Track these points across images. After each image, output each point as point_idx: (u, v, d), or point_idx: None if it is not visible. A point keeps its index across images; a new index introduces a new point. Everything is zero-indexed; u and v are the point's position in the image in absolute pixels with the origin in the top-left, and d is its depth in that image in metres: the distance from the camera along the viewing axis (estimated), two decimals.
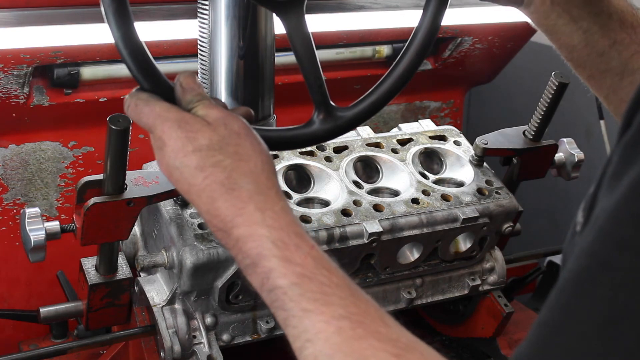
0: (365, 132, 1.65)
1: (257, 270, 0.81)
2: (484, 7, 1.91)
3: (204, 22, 1.24)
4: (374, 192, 1.54)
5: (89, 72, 1.70)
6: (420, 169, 1.59)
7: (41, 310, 1.43)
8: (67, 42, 1.56)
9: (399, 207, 1.49)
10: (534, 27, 1.23)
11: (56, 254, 1.49)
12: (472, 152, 1.63)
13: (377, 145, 1.62)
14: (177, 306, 1.40)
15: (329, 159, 1.55)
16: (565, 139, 1.73)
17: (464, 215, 1.51)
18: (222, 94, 1.25)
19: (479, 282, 1.66)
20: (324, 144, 1.57)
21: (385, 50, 2.03)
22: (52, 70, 1.65)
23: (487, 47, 2.12)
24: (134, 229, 1.46)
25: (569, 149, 1.72)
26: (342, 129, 1.13)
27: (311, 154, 1.56)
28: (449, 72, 2.18)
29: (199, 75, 1.29)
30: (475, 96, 2.87)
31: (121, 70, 1.66)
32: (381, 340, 0.72)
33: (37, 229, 1.30)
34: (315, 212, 1.44)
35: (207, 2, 1.22)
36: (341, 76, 2.00)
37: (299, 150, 1.55)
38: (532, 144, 1.64)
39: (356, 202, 1.47)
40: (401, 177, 1.57)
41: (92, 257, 1.40)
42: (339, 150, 1.58)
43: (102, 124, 1.21)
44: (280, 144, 1.12)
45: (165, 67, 1.72)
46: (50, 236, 1.31)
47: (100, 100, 1.74)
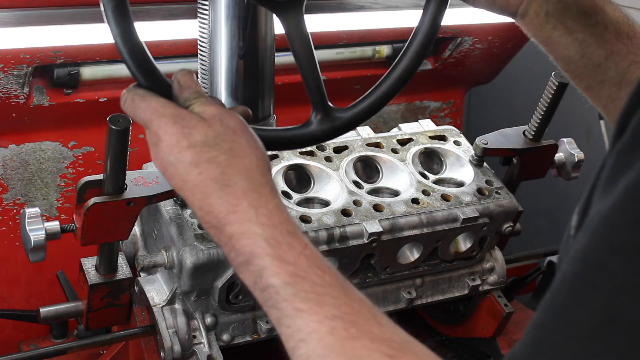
0: (365, 132, 1.65)
1: (250, 268, 0.80)
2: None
3: (204, 22, 1.23)
4: (374, 192, 1.54)
5: (89, 72, 1.70)
6: (420, 169, 1.59)
7: (41, 310, 1.44)
8: (67, 42, 1.56)
9: (399, 207, 1.49)
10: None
11: (56, 254, 1.49)
12: (472, 152, 1.63)
13: (377, 145, 1.62)
14: (177, 306, 1.40)
15: (329, 159, 1.55)
16: (565, 139, 1.73)
17: (464, 215, 1.51)
18: (222, 94, 1.25)
19: (479, 282, 1.66)
20: (324, 144, 1.57)
21: (385, 50, 2.03)
22: (52, 70, 1.65)
23: (487, 47, 2.12)
24: (134, 229, 1.46)
25: (569, 149, 1.72)
26: (340, 130, 1.13)
27: (311, 154, 1.56)
28: (449, 72, 2.18)
29: (199, 75, 1.29)
30: (475, 96, 2.87)
31: (121, 70, 1.66)
32: (375, 340, 0.72)
33: (37, 229, 1.30)
34: (315, 212, 1.44)
35: (207, 2, 1.22)
36: (341, 76, 2.00)
37: (299, 150, 1.55)
38: (532, 144, 1.64)
39: (356, 202, 1.47)
40: (401, 177, 1.57)
41: (92, 257, 1.40)
42: (339, 150, 1.58)
43: (102, 124, 1.21)
44: (277, 144, 1.12)
45: (165, 67, 1.72)
46: (50, 236, 1.31)
47: (100, 100, 1.74)
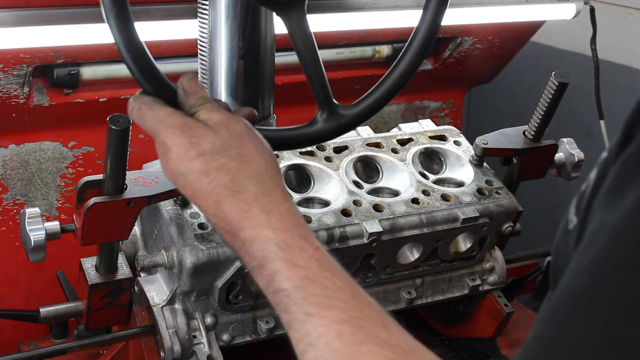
0: (365, 132, 1.65)
1: (263, 272, 0.81)
2: (484, 7, 1.91)
3: (204, 22, 1.23)
4: (374, 192, 1.54)
5: (89, 72, 1.70)
6: (420, 169, 1.59)
7: (41, 310, 1.43)
8: (67, 42, 1.56)
9: (399, 207, 1.49)
10: (533, 27, 1.22)
11: (56, 254, 1.49)
12: (472, 152, 1.63)
13: (377, 145, 1.62)
14: (177, 306, 1.40)
15: (329, 159, 1.55)
16: (565, 139, 1.74)
17: (464, 215, 1.51)
18: (222, 94, 1.25)
19: (479, 282, 1.66)
20: (324, 144, 1.57)
21: (385, 50, 2.03)
22: (52, 70, 1.65)
23: (487, 47, 2.12)
24: (134, 229, 1.46)
25: (569, 149, 1.72)
26: (346, 128, 1.13)
27: (311, 154, 1.56)
28: (449, 72, 2.18)
29: (199, 75, 1.29)
30: (475, 96, 2.87)
31: (121, 70, 1.66)
32: (381, 345, 0.72)
33: (37, 229, 1.30)
34: (315, 212, 1.44)
35: (207, 2, 1.22)
36: (341, 76, 2.00)
37: (299, 150, 1.55)
38: (532, 144, 1.64)
39: (356, 202, 1.47)
40: (401, 177, 1.57)
41: (92, 257, 1.40)
42: (339, 150, 1.58)
43: (102, 124, 1.21)
44: (283, 143, 1.12)
45: (165, 67, 1.72)
46: (50, 236, 1.31)
47: (100, 100, 1.74)
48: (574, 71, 1.81)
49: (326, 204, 1.49)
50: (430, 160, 1.64)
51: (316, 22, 1.79)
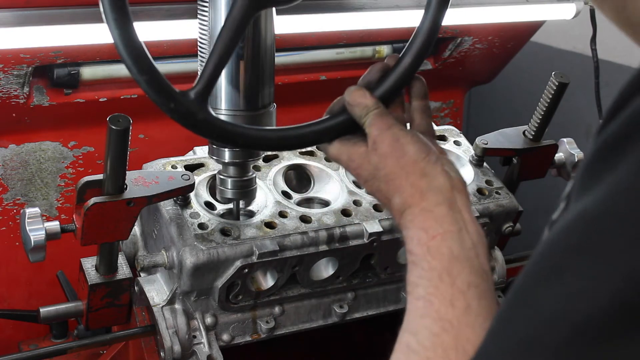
0: None
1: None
2: (484, 7, 1.91)
3: (204, 22, 1.23)
4: None
5: (89, 72, 1.70)
6: None
7: (41, 310, 1.43)
8: (67, 42, 1.56)
9: None
10: (533, 27, 1.22)
11: (56, 254, 1.49)
12: (472, 152, 1.63)
13: None
14: (177, 306, 1.40)
15: (329, 159, 1.55)
16: (565, 139, 1.74)
17: None
18: (222, 95, 1.25)
19: None
20: None
21: (385, 50, 2.03)
22: (52, 70, 1.65)
23: (487, 47, 2.12)
24: (134, 229, 1.46)
25: (569, 149, 1.72)
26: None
27: (311, 154, 1.56)
28: (449, 72, 2.18)
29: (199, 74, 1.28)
30: (475, 96, 2.87)
31: (121, 70, 1.66)
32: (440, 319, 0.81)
33: (37, 229, 1.30)
34: (315, 212, 1.44)
35: (207, 2, 1.22)
36: (341, 76, 2.00)
37: (299, 150, 1.55)
38: (532, 144, 1.64)
39: (356, 202, 1.47)
40: None
41: (92, 257, 1.40)
42: None
43: (102, 124, 1.21)
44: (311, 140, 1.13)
45: (165, 67, 1.73)
46: (50, 236, 1.31)
47: (100, 100, 1.74)
48: (574, 71, 1.81)
49: (326, 204, 1.49)
50: None
51: (316, 22, 1.79)
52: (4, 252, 1.80)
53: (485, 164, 1.64)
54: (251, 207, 1.44)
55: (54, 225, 1.32)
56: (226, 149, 1.29)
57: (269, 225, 1.40)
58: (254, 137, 1.07)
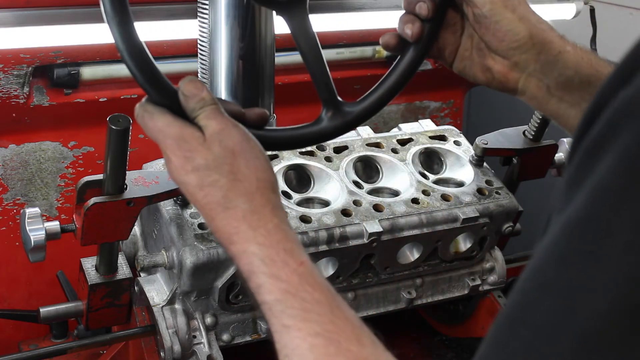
0: (365, 132, 1.65)
1: (251, 284, 0.86)
2: None
3: (204, 22, 1.23)
4: (374, 192, 1.54)
5: (89, 72, 1.70)
6: (420, 169, 1.59)
7: (41, 310, 1.44)
8: (67, 42, 1.56)
9: (399, 207, 1.49)
10: None
11: (56, 254, 1.49)
12: (472, 152, 1.63)
13: (377, 145, 1.62)
14: (177, 306, 1.40)
15: (329, 159, 1.55)
16: (565, 139, 1.74)
17: (464, 215, 1.51)
18: (222, 94, 1.25)
19: (479, 282, 1.66)
20: (324, 144, 1.57)
21: (385, 50, 2.02)
22: (52, 70, 1.65)
23: None
24: (134, 229, 1.46)
25: (568, 149, 1.72)
26: (352, 125, 1.13)
27: (311, 154, 1.56)
28: (449, 72, 2.16)
29: (199, 75, 1.28)
30: (475, 96, 2.87)
31: (121, 70, 1.66)
32: (350, 359, 0.75)
33: (37, 229, 1.30)
34: (315, 212, 1.44)
35: (207, 2, 1.22)
36: (341, 76, 1.99)
37: (299, 150, 1.55)
38: (532, 144, 1.64)
39: (356, 202, 1.47)
40: (401, 177, 1.57)
41: (92, 257, 1.40)
42: (339, 150, 1.58)
43: (102, 124, 1.21)
44: (290, 143, 1.12)
45: (165, 67, 1.72)
46: (50, 236, 1.31)
47: (100, 100, 1.74)
48: None
49: (326, 204, 1.49)
50: (430, 160, 1.65)
51: (316, 22, 1.79)
52: (4, 252, 1.80)
53: (485, 164, 1.64)
54: None
55: (54, 225, 1.32)
56: None
57: None
58: None
